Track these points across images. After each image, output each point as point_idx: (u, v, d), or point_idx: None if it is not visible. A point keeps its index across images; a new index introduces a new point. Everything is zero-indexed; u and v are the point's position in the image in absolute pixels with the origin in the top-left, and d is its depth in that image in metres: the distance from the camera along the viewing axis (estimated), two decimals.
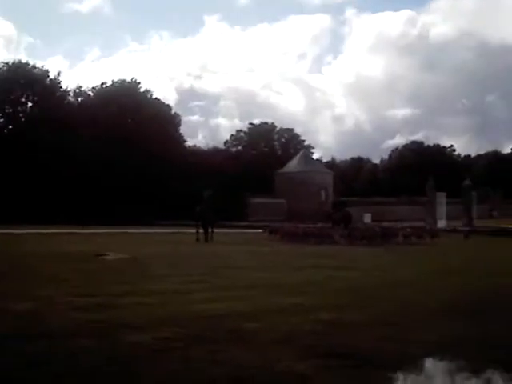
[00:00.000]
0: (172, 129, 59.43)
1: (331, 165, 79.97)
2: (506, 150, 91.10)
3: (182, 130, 63.30)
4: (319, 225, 26.20)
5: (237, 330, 5.91)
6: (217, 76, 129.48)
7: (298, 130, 79.40)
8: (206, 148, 69.82)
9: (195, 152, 63.46)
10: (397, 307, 7.50)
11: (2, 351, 5.07)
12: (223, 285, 9.61)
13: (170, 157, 52.05)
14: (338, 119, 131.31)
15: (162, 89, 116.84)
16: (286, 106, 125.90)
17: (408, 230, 23.92)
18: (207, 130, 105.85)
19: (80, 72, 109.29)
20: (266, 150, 75.66)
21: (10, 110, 53.61)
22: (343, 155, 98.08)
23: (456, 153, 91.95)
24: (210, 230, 23.39)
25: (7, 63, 53.45)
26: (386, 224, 27.63)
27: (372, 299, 8.21)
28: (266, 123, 77.92)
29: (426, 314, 7.02)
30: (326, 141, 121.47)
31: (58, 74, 56.31)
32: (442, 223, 36.92)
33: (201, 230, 23.51)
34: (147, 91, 59.88)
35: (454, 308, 7.50)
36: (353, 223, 24.88)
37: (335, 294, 8.78)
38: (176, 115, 62.80)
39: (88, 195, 47.43)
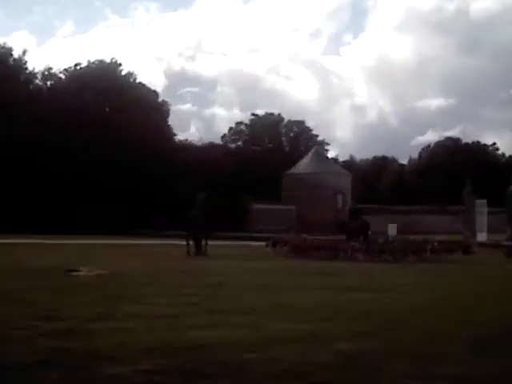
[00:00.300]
0: (159, 119, 59.69)
1: (349, 165, 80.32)
2: None
3: (171, 121, 63.79)
4: (330, 237, 26.27)
5: (232, 362, 5.97)
6: (213, 57, 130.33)
7: (309, 123, 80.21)
8: (199, 143, 70.19)
9: (186, 147, 63.72)
10: (424, 336, 7.55)
11: None
12: (217, 307, 9.67)
13: (156, 153, 52.19)
14: (357, 110, 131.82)
15: (148, 71, 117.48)
16: (296, 94, 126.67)
17: (435, 244, 24.03)
18: (201, 122, 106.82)
19: (50, 50, 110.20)
20: (271, 146, 75.97)
21: None
22: (364, 154, 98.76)
23: (499, 152, 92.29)
24: (203, 242, 23.45)
25: None
26: (414, 237, 27.70)
27: (394, 326, 8.26)
28: (271, 114, 78.28)
29: (453, 345, 7.07)
30: (344, 136, 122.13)
31: (24, 52, 56.85)
32: (481, 236, 36.88)
33: (192, 242, 23.57)
34: (130, 74, 60.30)
35: (482, 338, 7.54)
36: (372, 235, 24.98)
37: (350, 319, 8.84)
38: (164, 103, 63.16)
39: (55, 199, 47.70)
